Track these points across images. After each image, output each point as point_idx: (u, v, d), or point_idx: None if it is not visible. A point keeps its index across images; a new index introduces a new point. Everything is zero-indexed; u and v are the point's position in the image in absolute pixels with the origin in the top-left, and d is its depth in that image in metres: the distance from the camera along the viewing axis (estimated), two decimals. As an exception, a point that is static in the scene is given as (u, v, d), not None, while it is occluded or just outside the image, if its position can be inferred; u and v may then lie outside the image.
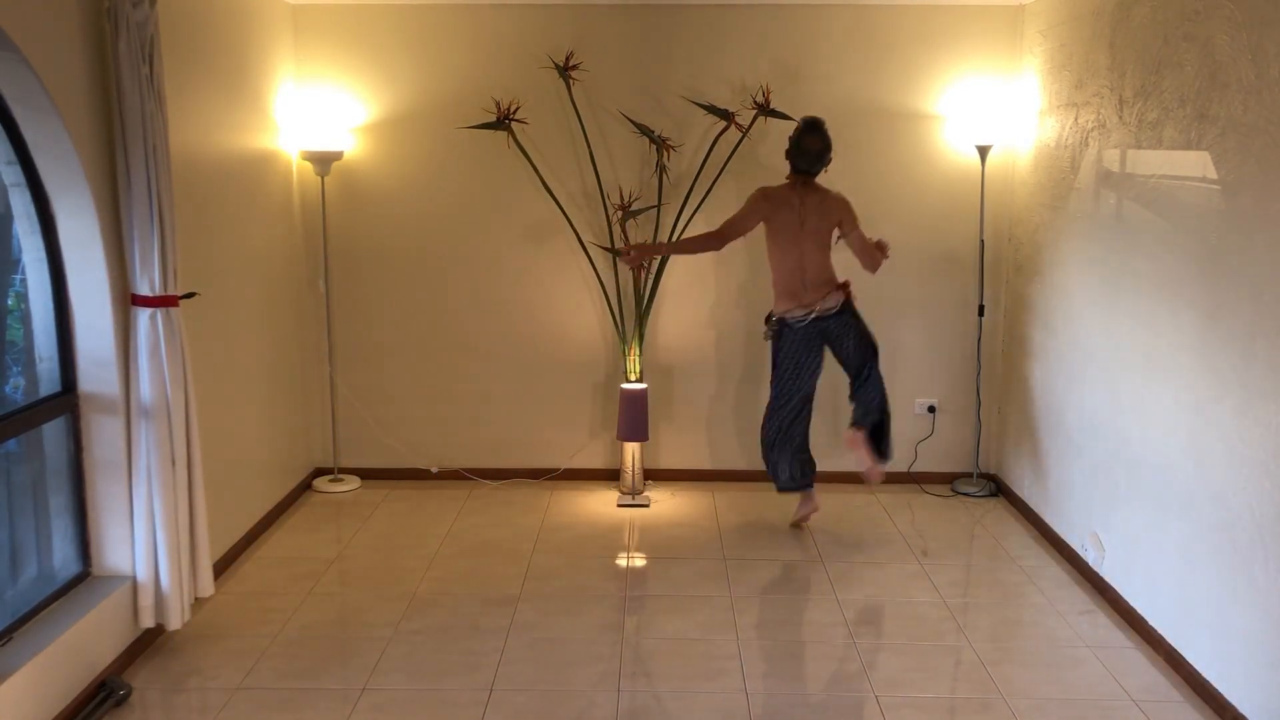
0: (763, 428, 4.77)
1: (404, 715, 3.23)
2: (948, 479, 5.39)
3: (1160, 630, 3.63)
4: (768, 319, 4.69)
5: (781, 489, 4.81)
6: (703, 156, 5.09)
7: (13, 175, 3.18)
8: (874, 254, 4.58)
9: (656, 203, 5.13)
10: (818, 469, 4.82)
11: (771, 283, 4.64)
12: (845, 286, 4.60)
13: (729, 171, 5.09)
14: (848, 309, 4.60)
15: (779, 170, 5.15)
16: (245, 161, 4.52)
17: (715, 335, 5.33)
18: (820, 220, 4.53)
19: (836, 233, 4.58)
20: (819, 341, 4.60)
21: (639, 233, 5.15)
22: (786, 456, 4.72)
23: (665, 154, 5.04)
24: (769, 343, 4.69)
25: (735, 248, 5.22)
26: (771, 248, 4.59)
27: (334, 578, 4.25)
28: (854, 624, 3.85)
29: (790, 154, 4.54)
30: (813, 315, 4.53)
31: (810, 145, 4.49)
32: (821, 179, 4.58)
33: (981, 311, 5.21)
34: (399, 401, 5.39)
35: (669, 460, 5.46)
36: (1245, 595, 3.12)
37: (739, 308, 5.31)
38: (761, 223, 4.58)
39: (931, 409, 5.37)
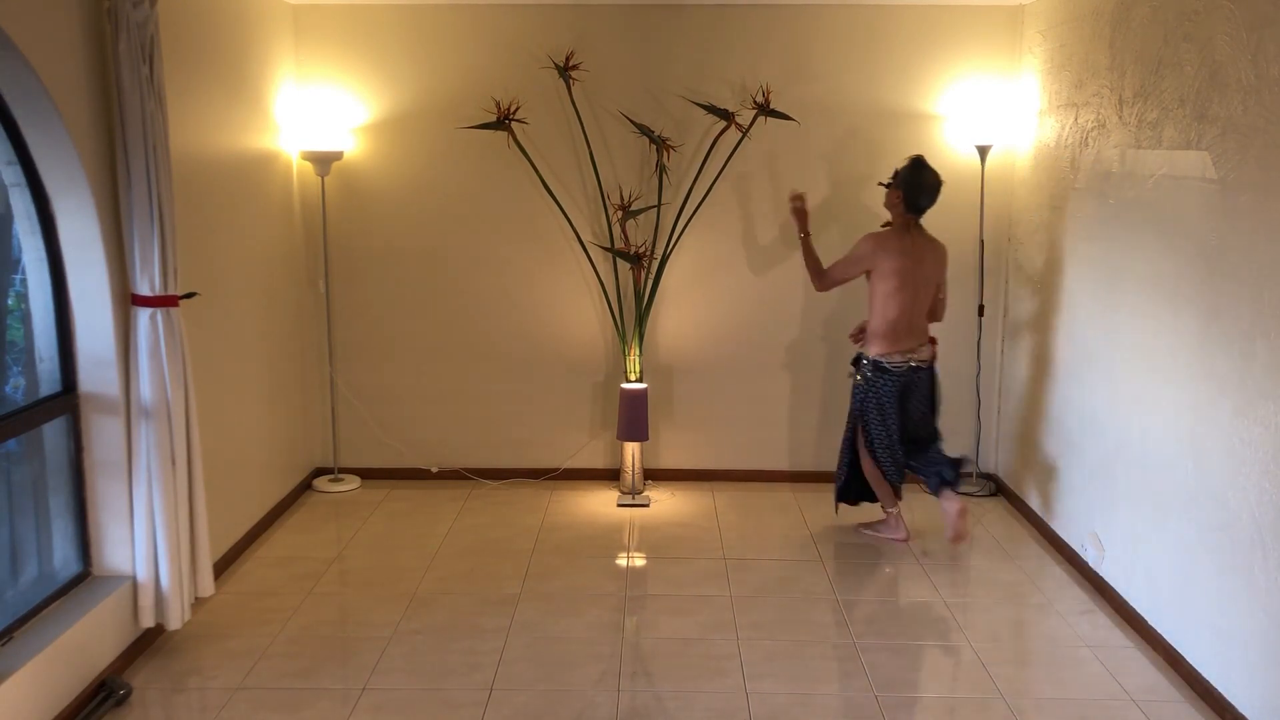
0: (875, 461, 4.55)
1: (404, 715, 3.23)
2: (948, 479, 5.39)
3: (1160, 630, 3.63)
4: (858, 361, 4.55)
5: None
6: (703, 156, 5.09)
7: (13, 175, 3.18)
8: (944, 305, 4.64)
9: (657, 203, 5.13)
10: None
11: (870, 323, 4.48)
12: (934, 343, 4.56)
13: (729, 171, 5.09)
14: (933, 367, 4.55)
15: (779, 170, 5.15)
16: (245, 161, 4.51)
17: (715, 335, 5.33)
18: (932, 267, 4.47)
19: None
20: (901, 393, 4.49)
21: (639, 233, 5.15)
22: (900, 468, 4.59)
23: (665, 154, 5.04)
24: (853, 384, 4.55)
25: (737, 250, 5.24)
26: (880, 289, 4.41)
27: (334, 578, 4.25)
28: (854, 624, 3.85)
29: (908, 193, 4.37)
30: (910, 363, 4.44)
31: (932, 180, 4.37)
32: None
33: (981, 311, 5.21)
34: (399, 401, 5.39)
35: (669, 460, 5.46)
36: (1245, 595, 3.12)
37: (739, 307, 5.30)
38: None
39: (931, 409, 5.37)
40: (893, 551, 4.54)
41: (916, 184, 4.36)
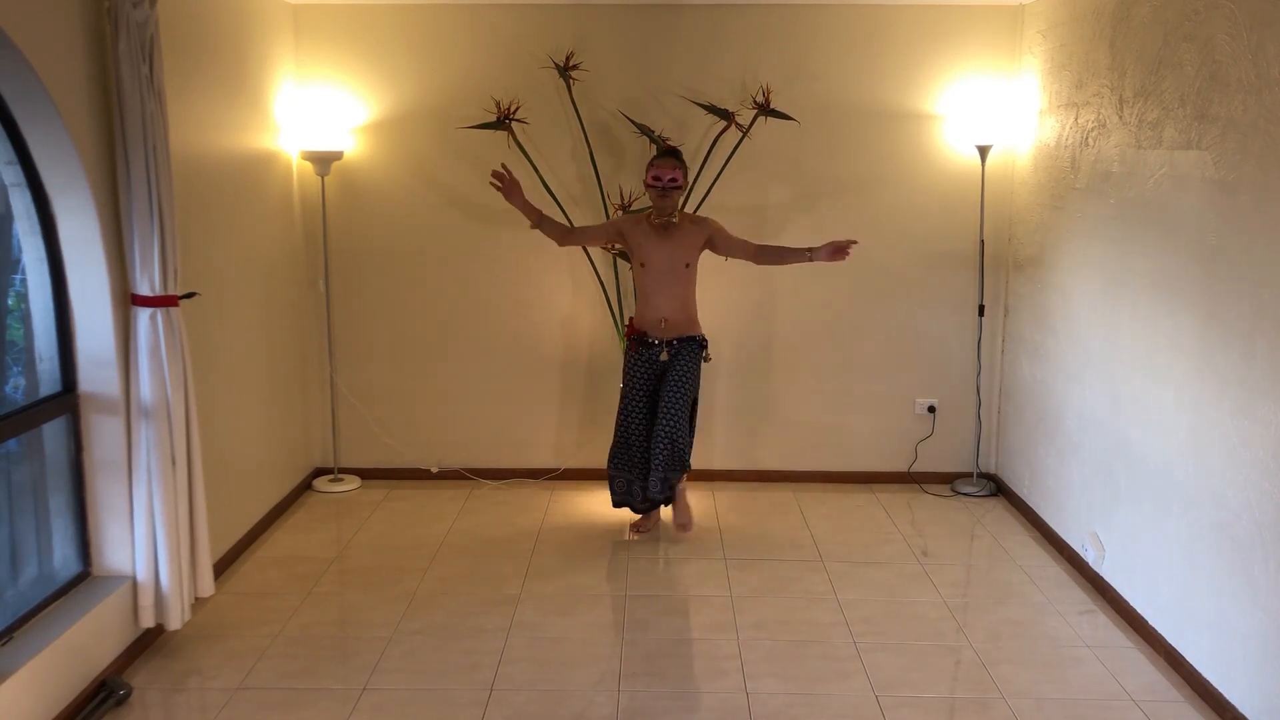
0: (687, 446, 4.50)
1: (404, 715, 3.23)
2: (948, 479, 5.39)
3: (1160, 630, 3.63)
4: (704, 343, 4.56)
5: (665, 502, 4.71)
6: (703, 156, 5.09)
7: (13, 175, 3.18)
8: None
9: (656, 203, 5.13)
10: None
11: (694, 302, 4.56)
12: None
13: (729, 171, 5.09)
14: None
15: (779, 169, 5.16)
16: (245, 161, 4.52)
17: (714, 335, 5.32)
18: None
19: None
20: None
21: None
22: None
23: (665, 154, 5.04)
24: (701, 366, 4.56)
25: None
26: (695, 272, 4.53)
27: (334, 578, 4.25)
28: (854, 624, 3.85)
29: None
30: None
31: None
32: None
33: (981, 311, 5.21)
34: (399, 401, 5.39)
35: (669, 460, 5.45)
36: (1245, 595, 3.12)
37: (738, 307, 5.30)
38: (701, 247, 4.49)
39: (931, 409, 5.37)
40: (892, 552, 4.54)
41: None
